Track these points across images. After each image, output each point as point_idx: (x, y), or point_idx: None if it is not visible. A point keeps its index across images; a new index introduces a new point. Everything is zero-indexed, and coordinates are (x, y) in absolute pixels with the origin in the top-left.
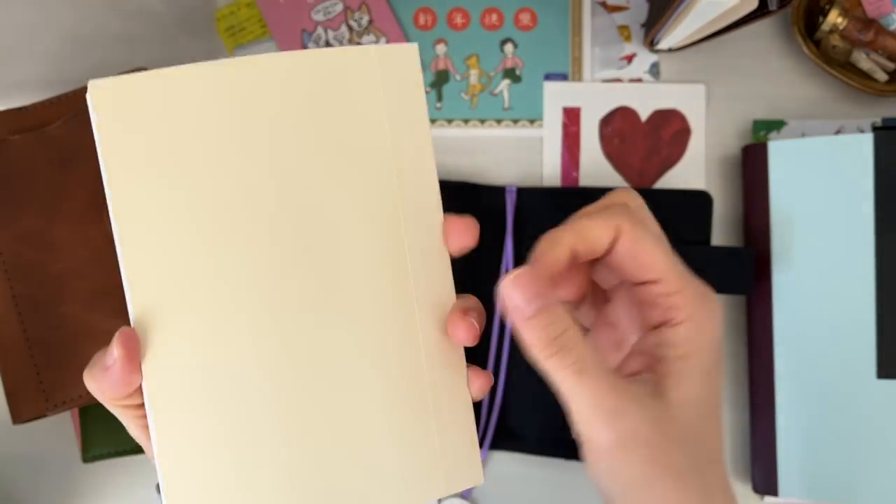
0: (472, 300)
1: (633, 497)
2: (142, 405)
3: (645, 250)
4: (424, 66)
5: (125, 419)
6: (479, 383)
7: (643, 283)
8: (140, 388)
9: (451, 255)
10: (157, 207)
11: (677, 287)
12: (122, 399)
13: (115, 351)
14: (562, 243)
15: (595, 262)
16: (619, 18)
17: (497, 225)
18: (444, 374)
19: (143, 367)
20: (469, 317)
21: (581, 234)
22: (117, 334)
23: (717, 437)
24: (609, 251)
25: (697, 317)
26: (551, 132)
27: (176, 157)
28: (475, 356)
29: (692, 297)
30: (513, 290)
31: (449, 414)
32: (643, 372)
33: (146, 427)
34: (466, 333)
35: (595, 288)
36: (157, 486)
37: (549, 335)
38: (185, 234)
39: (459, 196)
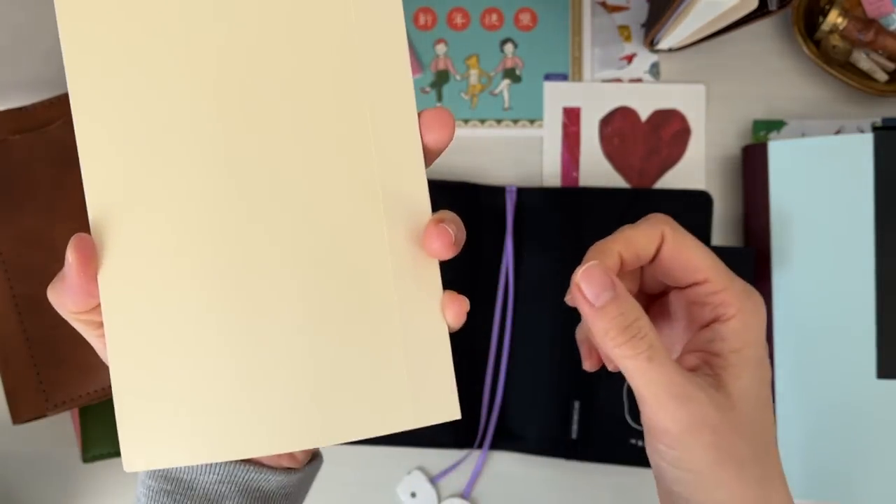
0: (449, 213)
1: (696, 483)
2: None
3: (689, 252)
4: (424, 67)
5: (92, 338)
6: (454, 308)
7: (690, 285)
8: None
9: (430, 152)
10: (116, 104)
11: (724, 284)
12: (85, 313)
13: (69, 256)
14: (610, 252)
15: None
16: (619, 18)
17: (497, 225)
18: (414, 292)
19: (99, 275)
20: (444, 224)
21: (628, 241)
22: (72, 240)
23: (773, 428)
24: (654, 257)
25: (746, 311)
26: (551, 132)
27: (136, 46)
28: (476, 355)
29: (739, 293)
30: (584, 282)
31: (420, 337)
32: (700, 368)
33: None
34: (441, 241)
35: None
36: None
37: (622, 324)
38: (144, 132)
39: (459, 196)
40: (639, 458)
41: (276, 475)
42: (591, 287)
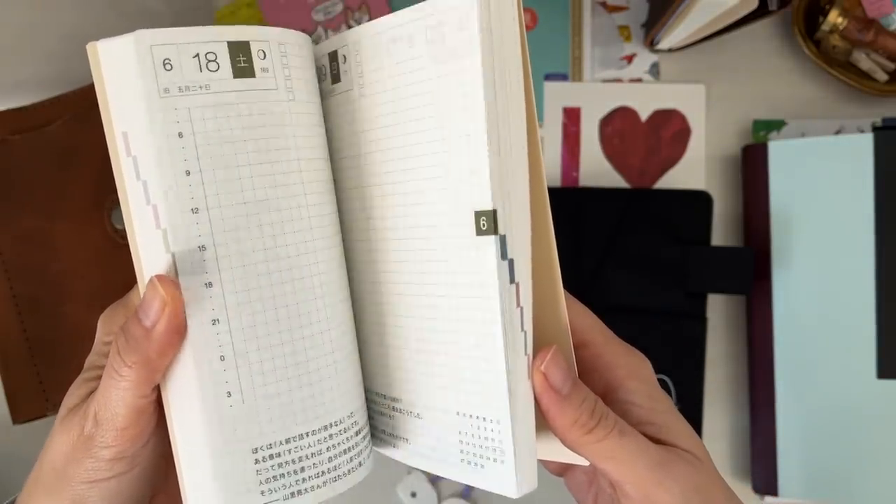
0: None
1: None
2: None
3: (570, 313)
4: None
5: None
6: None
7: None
8: None
9: None
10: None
11: (604, 346)
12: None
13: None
14: None
15: None
16: (619, 18)
17: None
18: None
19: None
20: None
21: None
22: (157, 279)
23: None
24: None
25: (633, 367)
26: (551, 132)
27: None
28: None
29: (621, 353)
30: (553, 370)
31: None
32: None
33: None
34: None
35: None
36: None
37: (589, 408)
38: None
39: None
40: None
41: None
42: (558, 374)
